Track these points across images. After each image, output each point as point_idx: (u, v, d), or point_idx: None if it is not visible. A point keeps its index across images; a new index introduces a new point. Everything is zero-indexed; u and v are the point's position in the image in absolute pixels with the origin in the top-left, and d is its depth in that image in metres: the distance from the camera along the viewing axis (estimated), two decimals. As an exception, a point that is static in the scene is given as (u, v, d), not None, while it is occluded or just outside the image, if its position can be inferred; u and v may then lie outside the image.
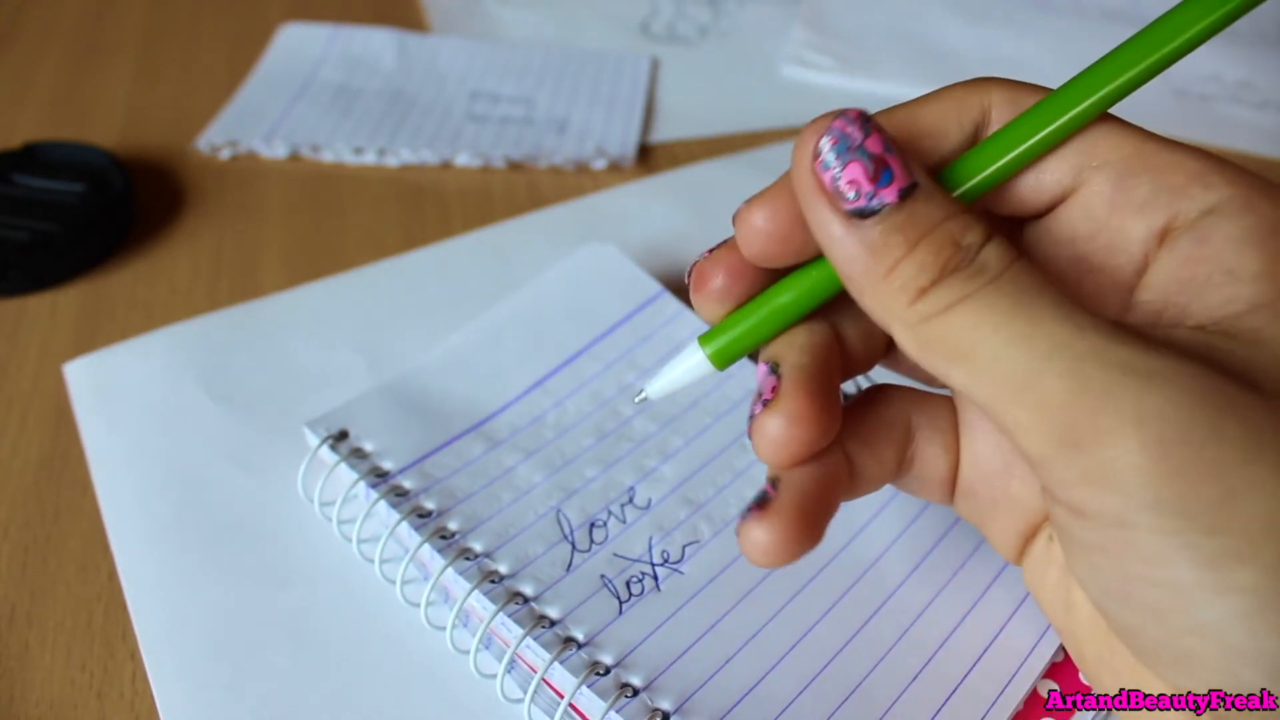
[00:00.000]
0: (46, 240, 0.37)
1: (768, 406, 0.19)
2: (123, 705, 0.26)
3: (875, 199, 0.17)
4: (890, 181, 0.17)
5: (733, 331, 0.21)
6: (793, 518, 0.19)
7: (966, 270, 0.17)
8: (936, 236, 0.17)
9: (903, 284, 0.17)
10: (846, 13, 0.58)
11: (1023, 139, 0.19)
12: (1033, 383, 0.16)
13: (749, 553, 0.19)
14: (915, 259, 0.17)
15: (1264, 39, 0.56)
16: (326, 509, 0.29)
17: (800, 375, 0.19)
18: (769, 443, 0.19)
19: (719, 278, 0.21)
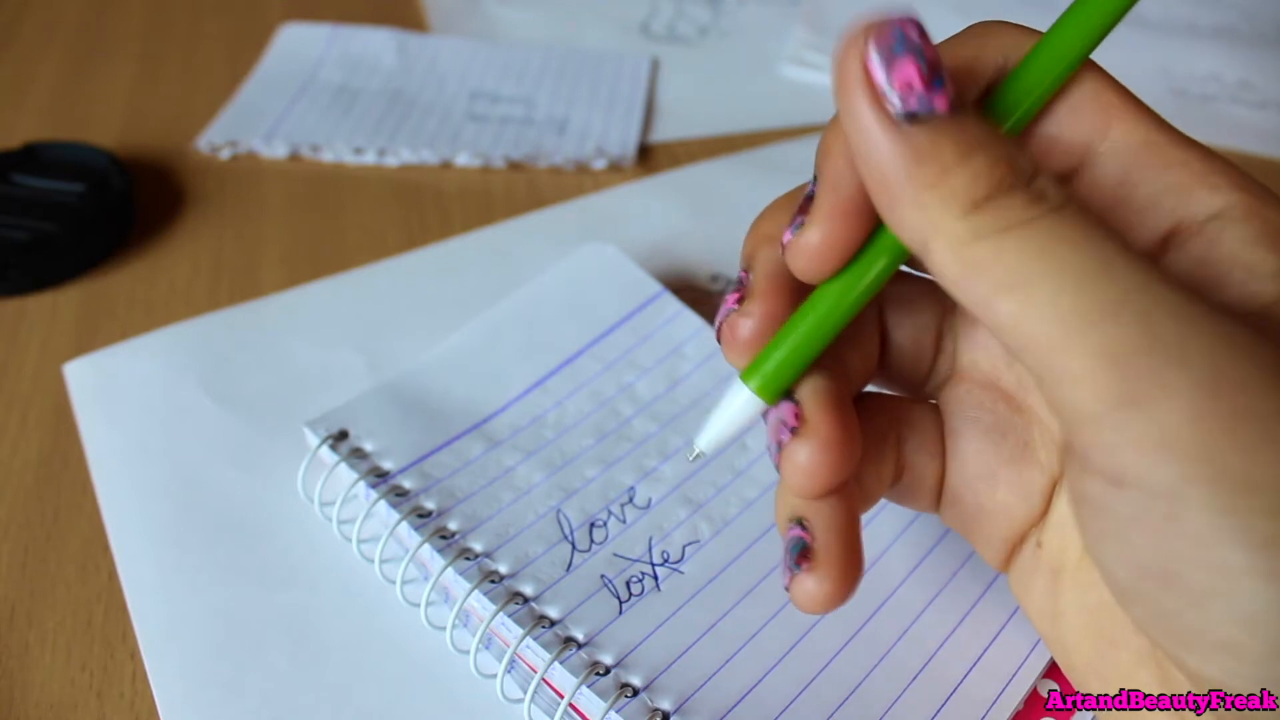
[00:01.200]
0: (46, 240, 0.37)
1: (796, 434, 0.19)
2: (123, 705, 0.26)
3: (927, 104, 0.16)
4: (943, 88, 0.16)
5: (775, 358, 0.20)
6: (840, 559, 0.19)
7: (1026, 193, 0.15)
8: (991, 151, 0.16)
9: (953, 192, 0.16)
10: (846, 13, 0.58)
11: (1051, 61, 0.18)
12: (1097, 327, 0.14)
13: (806, 606, 0.19)
14: (970, 167, 0.16)
15: (1264, 39, 0.56)
16: (326, 509, 0.29)
17: (824, 399, 0.19)
18: (802, 472, 0.19)
19: (748, 325, 0.20)
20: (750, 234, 0.21)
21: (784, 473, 0.19)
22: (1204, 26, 0.58)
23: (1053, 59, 0.18)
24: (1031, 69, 0.18)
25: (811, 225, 0.18)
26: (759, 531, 0.28)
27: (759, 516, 0.29)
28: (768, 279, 0.20)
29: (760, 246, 0.20)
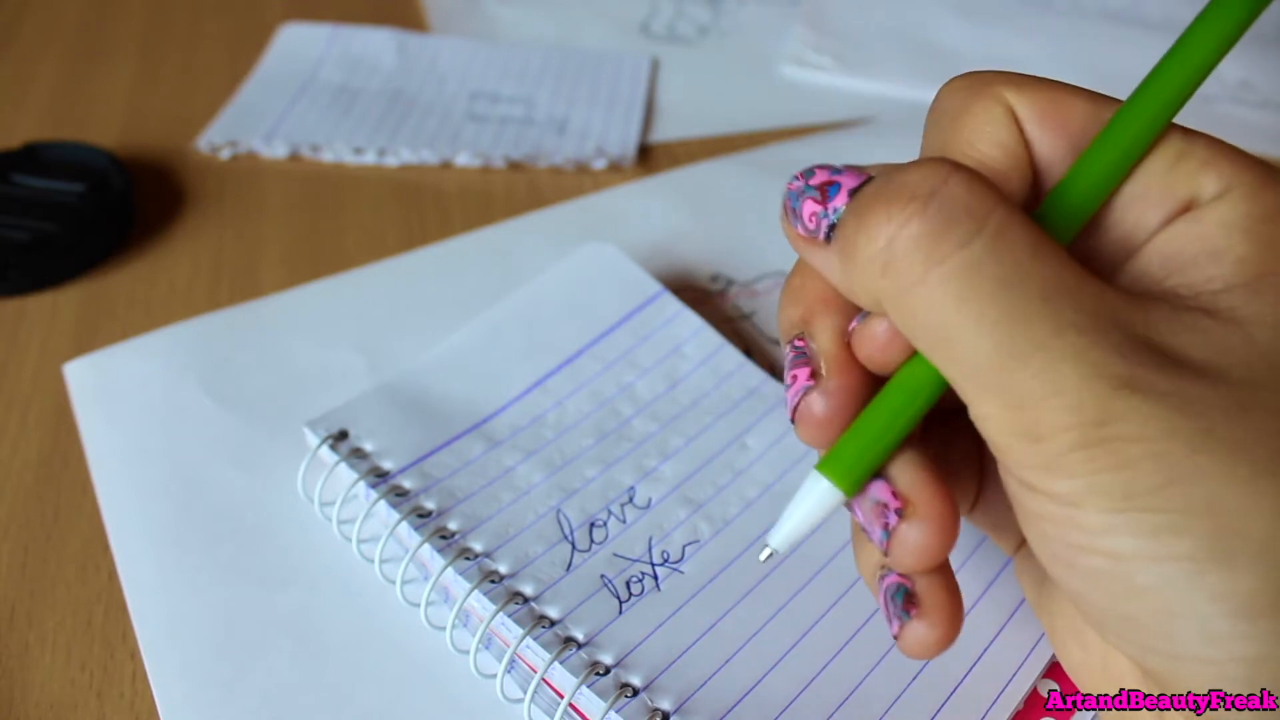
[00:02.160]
0: (46, 240, 0.37)
1: (904, 517, 0.18)
2: (123, 705, 0.26)
3: (832, 212, 0.18)
4: (839, 191, 0.18)
5: (854, 447, 0.19)
6: (946, 601, 0.19)
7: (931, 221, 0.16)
8: (884, 192, 0.17)
9: (865, 261, 0.17)
10: (846, 13, 0.58)
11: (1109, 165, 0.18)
12: (1008, 380, 0.16)
13: (919, 654, 0.19)
14: (868, 227, 0.17)
15: (1264, 39, 0.56)
16: (326, 509, 0.29)
17: (922, 475, 0.19)
18: (916, 554, 0.18)
19: (825, 404, 0.19)
20: (793, 299, 0.20)
21: (896, 555, 0.19)
22: (1204, 26, 0.58)
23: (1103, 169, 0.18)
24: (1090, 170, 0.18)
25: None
26: (759, 531, 0.28)
27: (759, 516, 0.29)
28: (837, 347, 0.19)
29: (816, 310, 0.20)
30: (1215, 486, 0.15)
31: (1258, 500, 0.15)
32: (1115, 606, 0.16)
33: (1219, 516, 0.15)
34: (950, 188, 0.16)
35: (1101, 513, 0.15)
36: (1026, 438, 0.16)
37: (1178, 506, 0.15)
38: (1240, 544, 0.15)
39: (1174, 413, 0.15)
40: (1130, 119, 0.18)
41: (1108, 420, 0.15)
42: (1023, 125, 0.19)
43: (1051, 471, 0.16)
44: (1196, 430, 0.15)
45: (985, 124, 0.18)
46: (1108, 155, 0.18)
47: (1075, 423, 0.15)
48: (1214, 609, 0.15)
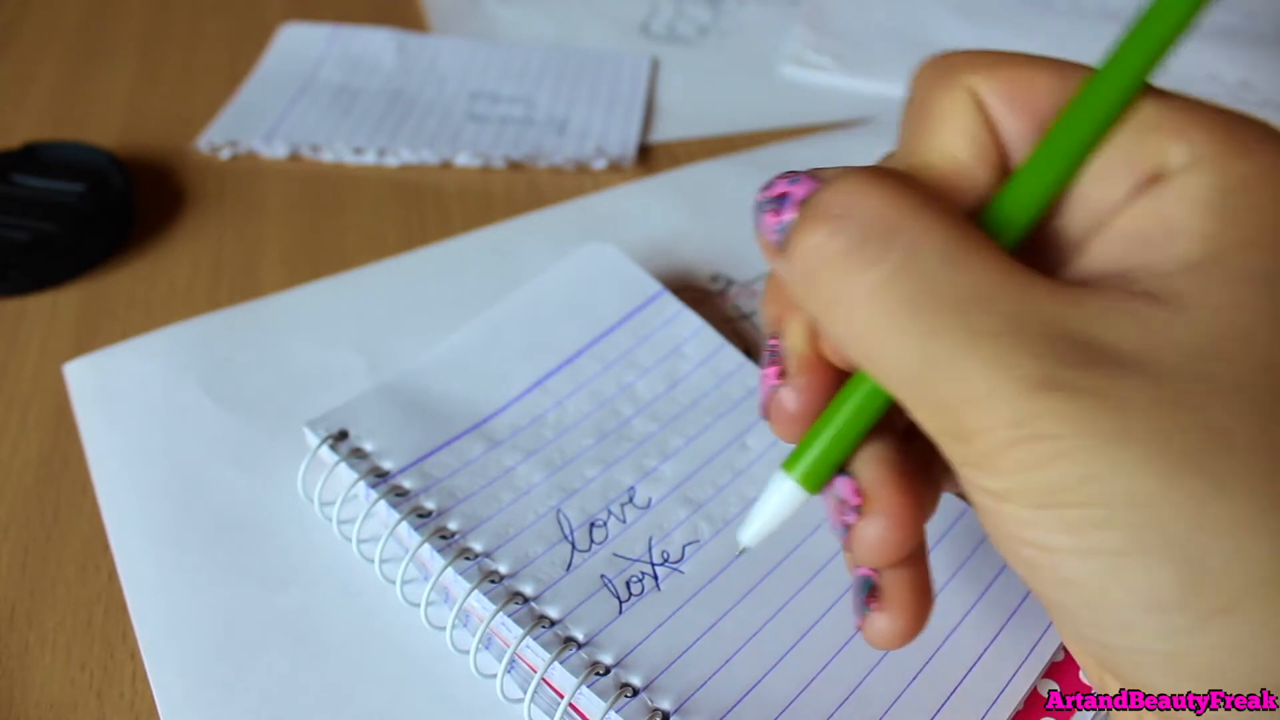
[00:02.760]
0: (46, 240, 0.37)
1: (862, 514, 0.19)
2: (123, 705, 0.26)
3: (781, 225, 0.18)
4: (788, 203, 0.18)
5: (817, 447, 0.19)
6: (908, 596, 0.19)
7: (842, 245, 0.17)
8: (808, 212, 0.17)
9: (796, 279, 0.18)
10: (846, 13, 0.58)
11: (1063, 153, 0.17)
12: (928, 388, 0.16)
13: (879, 644, 0.20)
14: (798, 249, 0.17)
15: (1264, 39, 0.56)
16: (326, 509, 0.29)
17: (883, 471, 0.19)
18: (874, 550, 0.19)
19: (795, 400, 0.20)
20: (771, 298, 0.21)
21: (855, 551, 0.19)
22: (1204, 26, 0.58)
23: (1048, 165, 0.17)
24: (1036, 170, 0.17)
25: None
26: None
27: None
28: (806, 345, 0.20)
29: (790, 311, 0.20)
30: (1132, 480, 0.15)
31: (1173, 494, 0.15)
32: (1051, 595, 0.17)
33: (1136, 510, 0.15)
34: (865, 204, 0.17)
35: (1027, 508, 0.16)
36: (955, 438, 0.16)
37: (1097, 500, 0.15)
38: (1157, 538, 0.15)
39: (1092, 410, 0.15)
40: (1090, 99, 0.17)
41: (1024, 421, 0.15)
42: (989, 110, 0.18)
43: (981, 470, 0.16)
44: (1114, 427, 0.15)
45: (950, 115, 0.18)
46: (1062, 141, 0.17)
47: (994, 424, 0.15)
48: (1130, 601, 0.15)
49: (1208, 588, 0.15)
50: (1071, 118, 0.17)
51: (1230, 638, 0.15)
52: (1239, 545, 0.15)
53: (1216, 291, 0.16)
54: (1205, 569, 0.15)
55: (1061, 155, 0.17)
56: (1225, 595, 0.15)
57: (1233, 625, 0.15)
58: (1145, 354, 0.15)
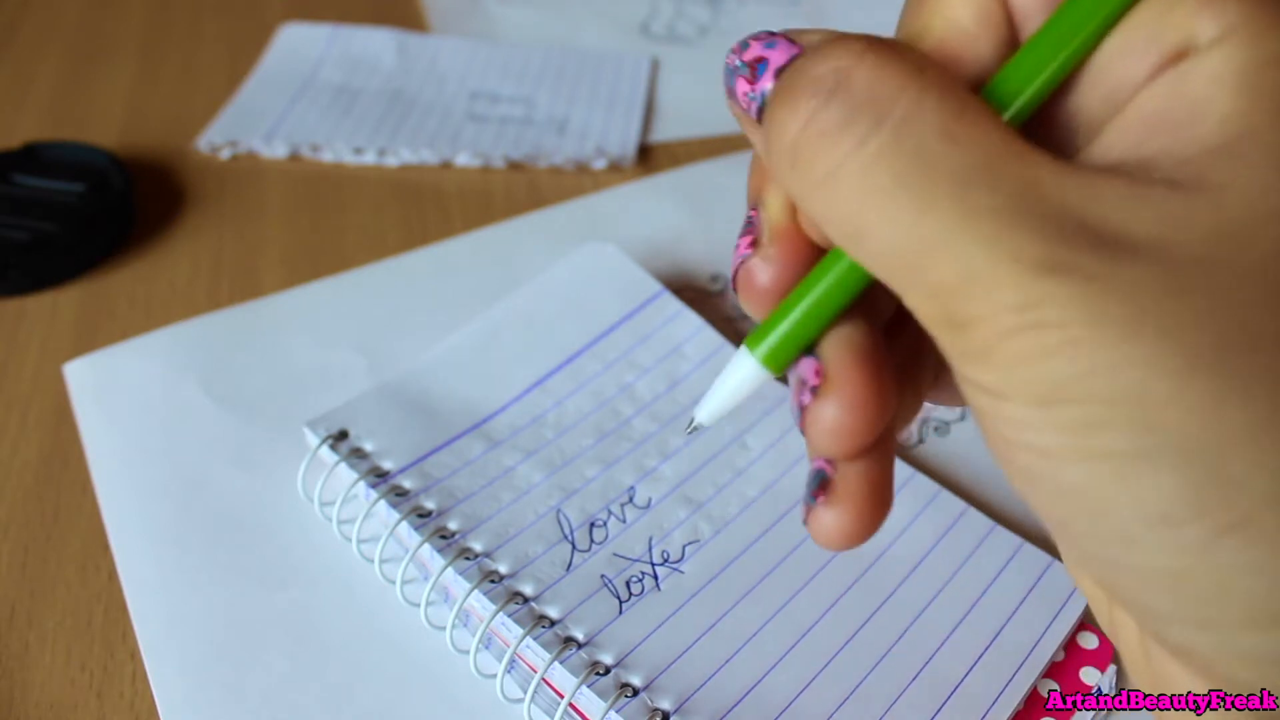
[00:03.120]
0: (46, 240, 0.37)
1: (818, 394, 0.17)
2: (123, 705, 0.26)
3: (759, 93, 0.17)
4: (765, 70, 0.17)
5: (783, 325, 0.18)
6: (862, 492, 0.18)
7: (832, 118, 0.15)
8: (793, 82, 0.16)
9: (777, 155, 0.16)
10: (846, 13, 0.58)
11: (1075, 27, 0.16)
12: (922, 270, 0.15)
13: (826, 542, 0.18)
14: (777, 120, 0.16)
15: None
16: (326, 509, 0.29)
17: (848, 351, 0.17)
18: (828, 435, 0.17)
19: (767, 272, 0.18)
20: (754, 169, 0.19)
21: (809, 436, 0.18)
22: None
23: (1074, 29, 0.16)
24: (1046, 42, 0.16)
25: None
26: (759, 531, 0.28)
27: (759, 516, 0.29)
28: (781, 216, 0.18)
29: (768, 181, 0.19)
30: (1143, 376, 0.13)
31: (1187, 393, 0.13)
32: (1051, 510, 0.15)
33: (1146, 410, 0.13)
34: (856, 76, 0.16)
35: (1027, 406, 0.14)
36: (950, 326, 0.15)
37: (1102, 397, 0.14)
38: (1166, 441, 0.13)
39: (1102, 296, 0.14)
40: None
41: (1027, 306, 0.14)
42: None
43: (978, 362, 0.15)
44: (1126, 315, 0.14)
45: None
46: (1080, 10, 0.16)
47: (994, 310, 0.14)
48: (1136, 512, 0.14)
49: (1222, 500, 0.13)
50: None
51: (1244, 556, 0.13)
52: (1259, 454, 0.13)
53: (1245, 173, 0.14)
54: (1220, 479, 0.13)
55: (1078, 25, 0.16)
56: (1241, 509, 0.13)
57: (1248, 542, 0.13)
58: (1162, 239, 0.14)
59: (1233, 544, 0.13)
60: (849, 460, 0.18)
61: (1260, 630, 0.14)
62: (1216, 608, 0.14)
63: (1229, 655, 0.14)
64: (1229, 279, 0.14)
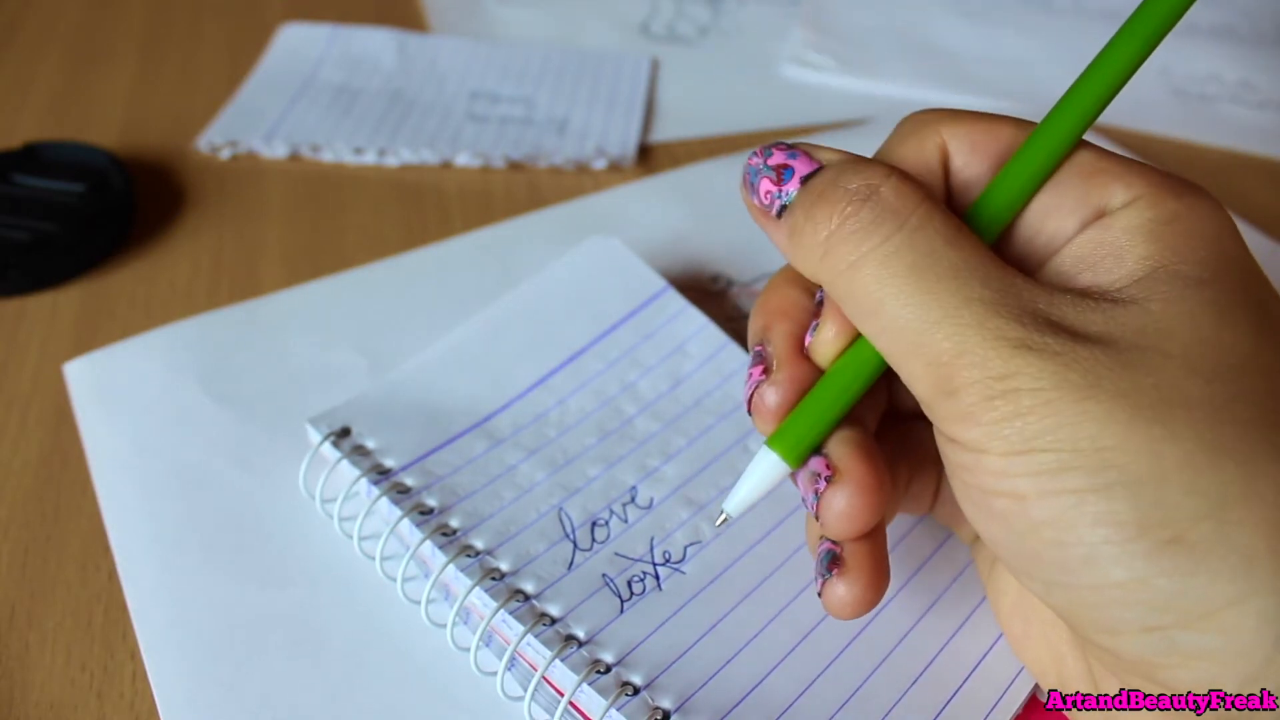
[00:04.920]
0: (46, 240, 0.37)
1: (831, 482, 0.21)
2: (123, 705, 0.26)
3: (784, 195, 0.21)
4: (792, 176, 0.21)
5: (799, 426, 0.22)
6: (868, 565, 0.22)
7: (863, 221, 0.20)
8: (829, 192, 0.20)
9: (809, 246, 0.20)
10: (846, 13, 0.58)
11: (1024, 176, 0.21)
12: (924, 342, 0.19)
13: (839, 612, 0.22)
14: (813, 217, 0.20)
15: (1264, 39, 0.57)
16: (328, 506, 0.29)
17: (853, 448, 0.21)
18: (840, 517, 0.21)
19: (775, 394, 0.22)
20: (758, 312, 0.24)
21: (824, 519, 0.21)
22: (1204, 26, 0.58)
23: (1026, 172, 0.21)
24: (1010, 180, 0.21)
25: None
26: (760, 533, 0.28)
27: (760, 517, 0.29)
28: (787, 348, 0.23)
29: (774, 321, 0.23)
30: (1098, 428, 0.17)
31: (1134, 440, 0.17)
32: (1020, 544, 0.19)
33: (1100, 454, 0.17)
34: (884, 191, 0.20)
35: (1004, 457, 0.18)
36: (943, 392, 0.19)
37: (1065, 446, 0.17)
38: (1116, 476, 0.17)
39: (1065, 368, 0.18)
40: (1042, 137, 0.21)
41: (1008, 375, 0.18)
42: (951, 156, 0.22)
43: (964, 421, 0.18)
44: (1083, 382, 0.18)
45: (912, 155, 0.22)
46: (1021, 169, 0.21)
47: (981, 377, 0.18)
48: (1095, 534, 0.17)
49: (1162, 517, 0.17)
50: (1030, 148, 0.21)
51: (1184, 563, 0.17)
52: (1191, 481, 0.17)
53: (1160, 291, 0.19)
54: (1160, 502, 0.17)
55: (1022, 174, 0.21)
56: (1178, 525, 0.17)
57: (1185, 551, 0.17)
58: (1108, 333, 0.18)
59: (1174, 552, 0.17)
60: (854, 541, 0.22)
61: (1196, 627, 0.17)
62: (1161, 612, 0.17)
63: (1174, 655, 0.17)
64: (1158, 359, 0.18)
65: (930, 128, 0.22)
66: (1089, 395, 0.17)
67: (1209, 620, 0.17)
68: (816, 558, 0.22)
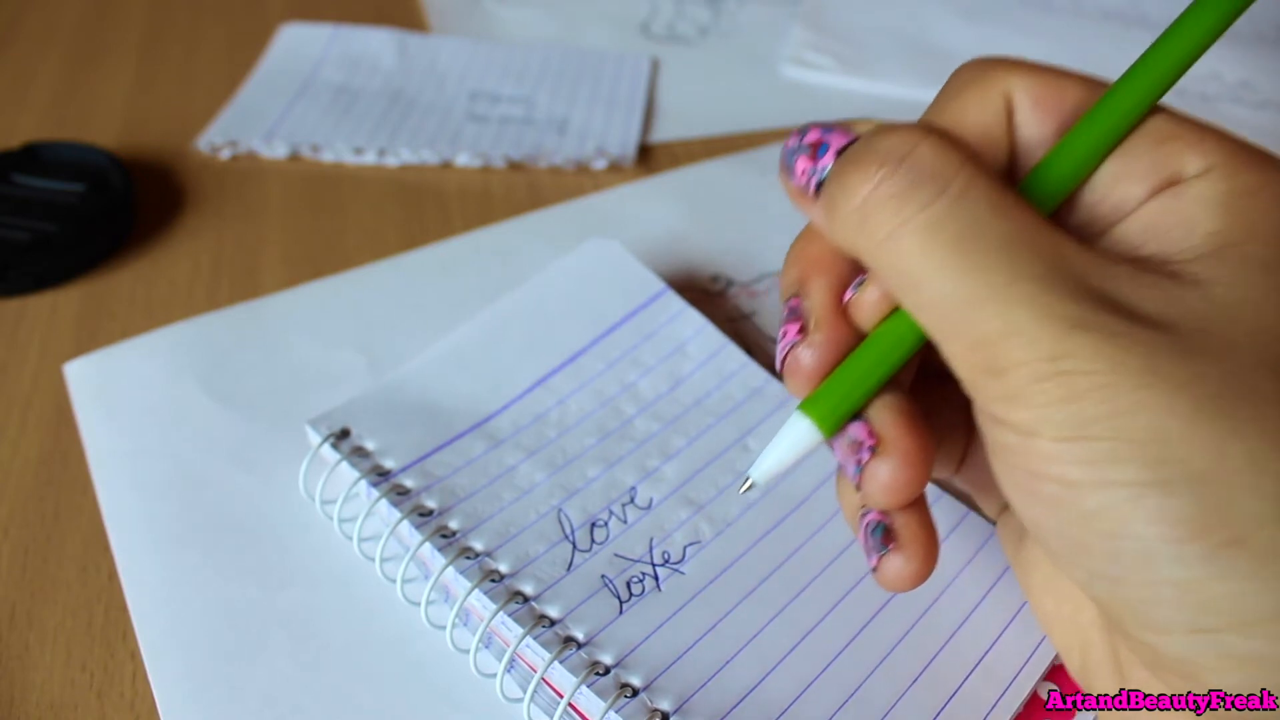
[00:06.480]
0: (46, 240, 0.37)
1: (876, 453, 0.20)
2: (123, 705, 0.26)
3: (820, 171, 0.20)
4: (828, 150, 0.20)
5: (837, 393, 0.20)
6: (922, 537, 0.21)
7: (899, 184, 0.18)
8: (862, 155, 0.19)
9: (845, 215, 0.19)
10: (846, 13, 0.58)
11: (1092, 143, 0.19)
12: (969, 321, 0.17)
13: (895, 584, 0.21)
14: (847, 186, 0.19)
15: (1264, 39, 0.56)
16: (328, 507, 0.29)
17: (898, 415, 0.20)
18: (887, 489, 0.20)
19: (812, 356, 0.21)
20: (793, 260, 0.22)
21: (867, 490, 0.20)
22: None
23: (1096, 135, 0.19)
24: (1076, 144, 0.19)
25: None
26: (760, 532, 0.28)
27: (760, 517, 0.29)
28: (826, 306, 0.21)
29: (810, 273, 0.21)
30: (1156, 418, 0.16)
31: (1195, 433, 0.16)
32: (1067, 532, 0.18)
33: (1159, 446, 0.16)
34: (921, 151, 0.18)
35: (1054, 441, 0.17)
36: (989, 372, 0.17)
37: (1122, 435, 0.16)
38: (1177, 471, 0.16)
39: (1122, 351, 0.16)
40: (1115, 101, 0.19)
41: (1061, 355, 0.17)
42: (1015, 111, 0.20)
43: (1012, 403, 0.17)
44: (1142, 367, 0.16)
45: (974, 106, 0.20)
46: (1090, 134, 0.19)
47: (1031, 358, 0.17)
48: (1150, 530, 0.16)
49: (1223, 518, 0.16)
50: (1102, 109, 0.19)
51: (1243, 567, 0.16)
52: (1255, 482, 0.16)
53: (1228, 273, 0.17)
54: (1221, 501, 0.16)
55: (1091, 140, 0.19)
56: (1239, 526, 0.16)
57: (1245, 555, 0.16)
58: (1166, 315, 0.17)
59: (1232, 555, 0.16)
60: (900, 510, 0.21)
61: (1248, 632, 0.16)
62: (1213, 615, 0.16)
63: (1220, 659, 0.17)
64: (1221, 348, 0.17)
65: (994, 78, 0.20)
66: (1148, 382, 0.16)
67: (1263, 626, 0.16)
68: (864, 530, 0.21)
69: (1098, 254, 0.18)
